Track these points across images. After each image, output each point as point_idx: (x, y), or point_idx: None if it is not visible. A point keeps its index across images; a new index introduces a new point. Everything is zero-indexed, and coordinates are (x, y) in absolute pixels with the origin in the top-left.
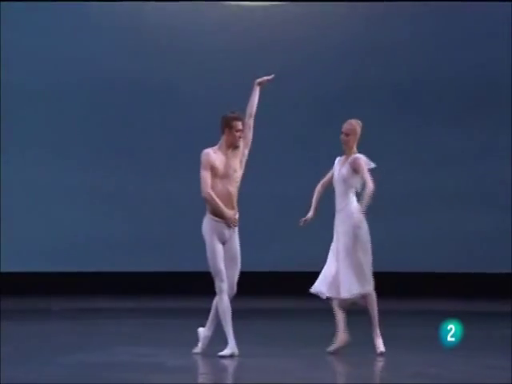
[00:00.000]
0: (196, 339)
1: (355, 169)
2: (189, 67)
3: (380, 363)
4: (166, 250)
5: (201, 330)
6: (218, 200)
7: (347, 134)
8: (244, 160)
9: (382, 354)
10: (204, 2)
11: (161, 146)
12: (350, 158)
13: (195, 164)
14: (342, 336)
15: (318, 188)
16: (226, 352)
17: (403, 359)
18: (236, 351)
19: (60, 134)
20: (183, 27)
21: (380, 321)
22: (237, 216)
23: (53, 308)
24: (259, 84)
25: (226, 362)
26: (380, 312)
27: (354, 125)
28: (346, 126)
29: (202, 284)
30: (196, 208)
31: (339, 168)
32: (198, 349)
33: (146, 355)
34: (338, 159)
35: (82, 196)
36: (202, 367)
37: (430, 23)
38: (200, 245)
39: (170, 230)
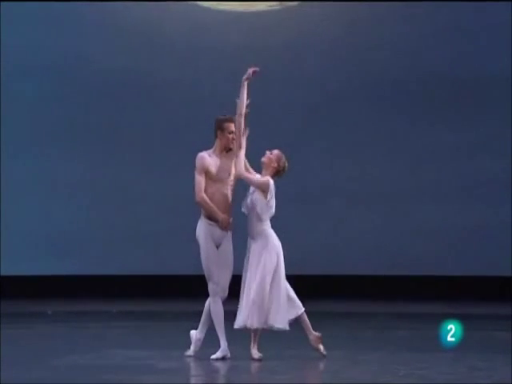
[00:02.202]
0: (188, 342)
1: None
2: (186, 64)
3: (369, 364)
4: (157, 253)
5: (193, 332)
6: (211, 204)
7: (269, 156)
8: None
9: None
10: (193, 3)
11: (156, 142)
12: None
13: (183, 161)
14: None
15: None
16: (218, 355)
17: (394, 361)
18: (228, 354)
19: (54, 131)
20: (177, 25)
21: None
22: (231, 220)
23: (47, 311)
24: (247, 79)
25: (218, 364)
26: (379, 313)
27: (280, 155)
28: (273, 150)
29: (193, 286)
30: (186, 211)
31: (251, 192)
32: (191, 351)
33: (139, 357)
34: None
35: (72, 198)
36: (194, 369)
37: (416, 22)
38: (191, 247)
39: (161, 231)
